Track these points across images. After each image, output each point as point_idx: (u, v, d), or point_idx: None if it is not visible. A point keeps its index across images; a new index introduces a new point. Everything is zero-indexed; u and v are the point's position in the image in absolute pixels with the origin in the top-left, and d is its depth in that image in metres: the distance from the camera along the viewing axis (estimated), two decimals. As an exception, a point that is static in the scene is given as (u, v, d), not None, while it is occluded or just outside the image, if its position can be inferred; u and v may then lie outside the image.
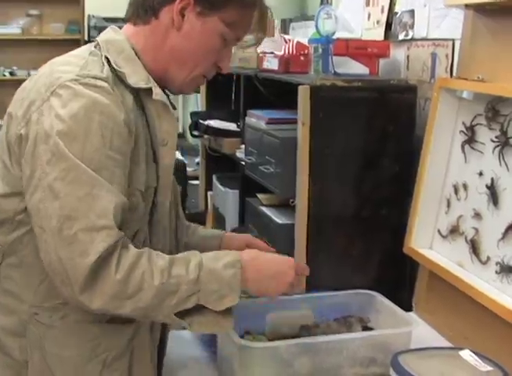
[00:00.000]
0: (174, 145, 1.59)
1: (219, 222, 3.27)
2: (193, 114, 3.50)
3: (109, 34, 1.61)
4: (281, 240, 2.26)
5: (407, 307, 2.09)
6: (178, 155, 4.83)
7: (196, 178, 4.05)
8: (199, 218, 3.60)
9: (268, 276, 1.56)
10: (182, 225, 1.82)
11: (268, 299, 1.65)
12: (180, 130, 6.36)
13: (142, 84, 1.53)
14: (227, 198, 3.10)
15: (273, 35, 2.54)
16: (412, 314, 2.11)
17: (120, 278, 1.40)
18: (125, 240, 1.44)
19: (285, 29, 3.63)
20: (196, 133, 3.37)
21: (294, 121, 2.19)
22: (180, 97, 6.36)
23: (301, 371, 1.67)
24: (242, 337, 1.74)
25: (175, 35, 1.56)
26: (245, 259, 1.53)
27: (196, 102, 5.48)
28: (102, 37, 1.60)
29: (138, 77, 1.54)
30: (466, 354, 1.63)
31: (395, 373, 1.58)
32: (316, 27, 2.42)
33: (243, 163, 2.68)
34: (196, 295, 1.45)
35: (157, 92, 1.55)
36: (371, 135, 2.23)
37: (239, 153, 2.81)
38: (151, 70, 1.58)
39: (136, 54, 1.58)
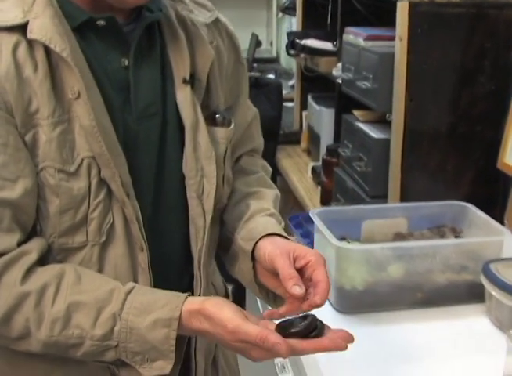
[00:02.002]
0: (86, 98, 1.11)
1: (314, 140, 3.34)
2: (290, 34, 3.54)
3: None
4: (376, 155, 2.32)
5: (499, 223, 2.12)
6: (272, 76, 4.91)
7: (290, 100, 4.11)
8: (293, 138, 3.71)
9: (224, 346, 1.16)
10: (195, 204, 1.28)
11: None
12: (274, 54, 6.38)
13: (19, 20, 1.10)
14: (322, 117, 3.16)
15: None
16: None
17: None
18: (11, 262, 1.10)
19: None
20: (292, 52, 3.42)
21: (392, 38, 2.21)
22: (274, 20, 6.35)
23: (393, 274, 1.71)
24: (338, 242, 1.80)
25: None
26: (192, 323, 1.11)
27: (290, 23, 5.50)
28: None
29: (19, 9, 1.11)
30: (558, 264, 1.65)
31: (486, 280, 1.63)
32: None
33: (340, 81, 2.73)
34: (112, 351, 1.12)
35: (32, 29, 1.09)
36: (468, 52, 2.23)
37: (336, 72, 2.84)
38: None
39: None
